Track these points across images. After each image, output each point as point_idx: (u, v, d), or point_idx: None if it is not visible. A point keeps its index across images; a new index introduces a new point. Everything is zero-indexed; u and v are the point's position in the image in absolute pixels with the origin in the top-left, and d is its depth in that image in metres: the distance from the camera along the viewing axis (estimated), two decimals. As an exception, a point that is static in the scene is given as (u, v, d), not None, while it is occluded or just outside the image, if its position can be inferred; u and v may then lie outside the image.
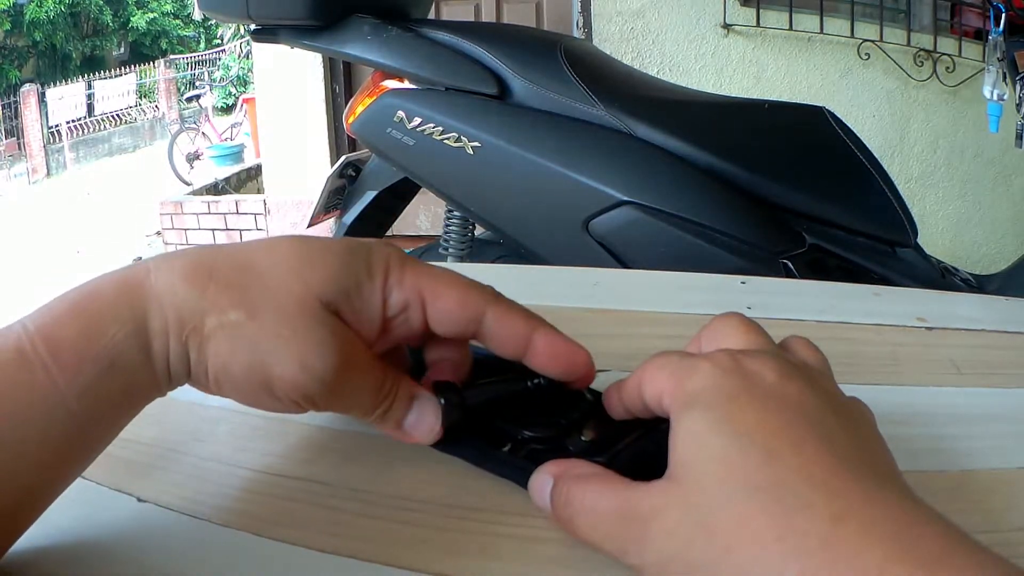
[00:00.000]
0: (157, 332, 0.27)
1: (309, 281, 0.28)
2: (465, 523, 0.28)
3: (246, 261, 0.28)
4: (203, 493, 0.30)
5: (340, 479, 0.30)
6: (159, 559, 0.26)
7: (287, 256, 0.29)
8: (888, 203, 1.05)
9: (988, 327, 0.45)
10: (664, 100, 1.13)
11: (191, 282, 0.27)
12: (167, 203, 4.24)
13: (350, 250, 0.29)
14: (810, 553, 0.20)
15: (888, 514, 0.21)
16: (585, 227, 1.03)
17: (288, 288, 0.28)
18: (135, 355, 0.26)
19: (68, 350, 0.25)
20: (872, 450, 0.24)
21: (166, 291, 0.27)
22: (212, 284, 0.27)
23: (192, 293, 0.27)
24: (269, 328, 0.27)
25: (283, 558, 0.26)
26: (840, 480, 0.22)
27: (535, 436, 0.31)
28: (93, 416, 0.26)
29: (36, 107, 9.50)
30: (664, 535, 0.23)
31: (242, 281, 0.28)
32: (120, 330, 0.26)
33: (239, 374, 0.27)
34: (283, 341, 0.27)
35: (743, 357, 0.26)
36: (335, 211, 1.42)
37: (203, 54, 13.14)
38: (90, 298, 0.27)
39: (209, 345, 0.27)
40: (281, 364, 0.27)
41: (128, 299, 0.27)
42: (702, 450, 0.23)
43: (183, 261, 0.28)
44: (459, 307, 0.30)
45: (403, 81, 1.14)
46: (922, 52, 2.92)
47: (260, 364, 0.27)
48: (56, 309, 0.27)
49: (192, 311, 0.27)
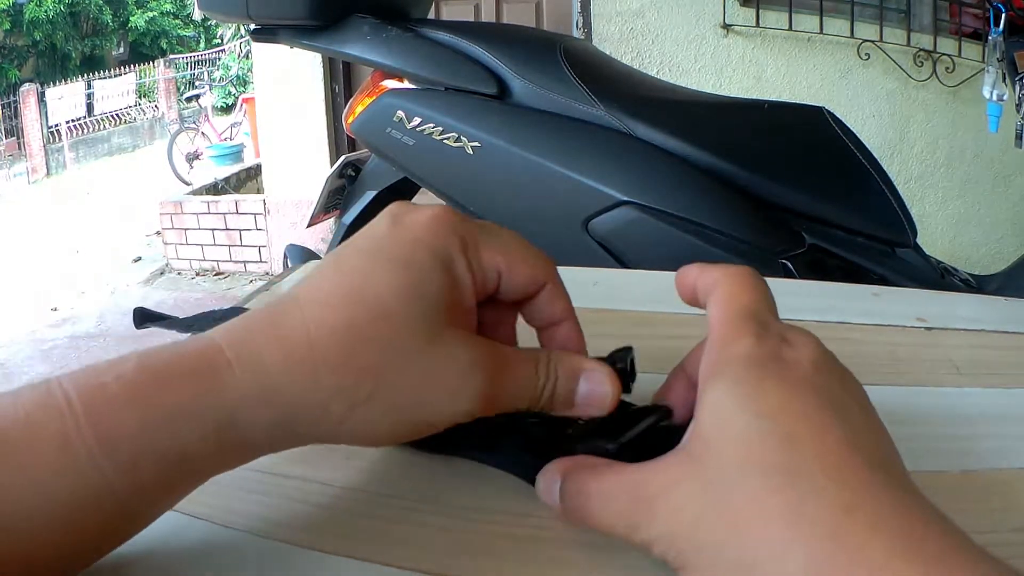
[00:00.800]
0: (247, 433, 0.24)
1: (416, 312, 0.25)
2: (465, 523, 0.28)
3: (343, 320, 0.25)
4: (204, 493, 0.30)
5: (341, 479, 0.30)
6: (159, 559, 0.26)
7: (380, 293, 0.25)
8: (888, 203, 1.05)
9: (988, 327, 0.45)
10: (664, 100, 1.13)
11: (293, 372, 0.24)
12: (167, 203, 4.24)
13: (431, 250, 0.27)
14: (818, 541, 0.20)
15: (896, 510, 0.21)
16: (585, 227, 1.03)
17: (402, 331, 0.25)
18: (209, 452, 0.24)
19: (124, 445, 0.22)
20: (888, 450, 0.24)
21: (261, 390, 0.24)
22: (322, 368, 0.24)
23: (302, 387, 0.24)
24: (402, 382, 0.25)
25: (283, 558, 0.26)
26: (854, 472, 0.22)
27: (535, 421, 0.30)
28: (143, 504, 0.24)
29: (36, 107, 9.50)
30: (674, 510, 0.23)
31: (354, 349, 0.25)
32: (195, 431, 0.23)
33: (386, 433, 0.26)
34: (424, 387, 0.25)
35: (784, 344, 0.25)
36: (335, 211, 1.42)
37: (203, 54, 13.14)
38: (154, 386, 0.23)
39: (343, 428, 0.25)
40: (431, 406, 0.26)
41: (206, 399, 0.23)
42: (723, 427, 0.23)
43: (269, 344, 0.24)
44: (529, 280, 0.30)
45: (403, 81, 1.14)
46: (922, 52, 2.92)
47: (409, 419, 0.26)
48: (108, 391, 0.23)
49: (307, 404, 0.24)
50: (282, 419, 0.24)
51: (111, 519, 0.24)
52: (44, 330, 3.62)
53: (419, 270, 0.26)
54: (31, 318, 3.78)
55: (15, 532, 0.22)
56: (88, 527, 0.23)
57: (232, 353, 0.24)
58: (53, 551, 0.23)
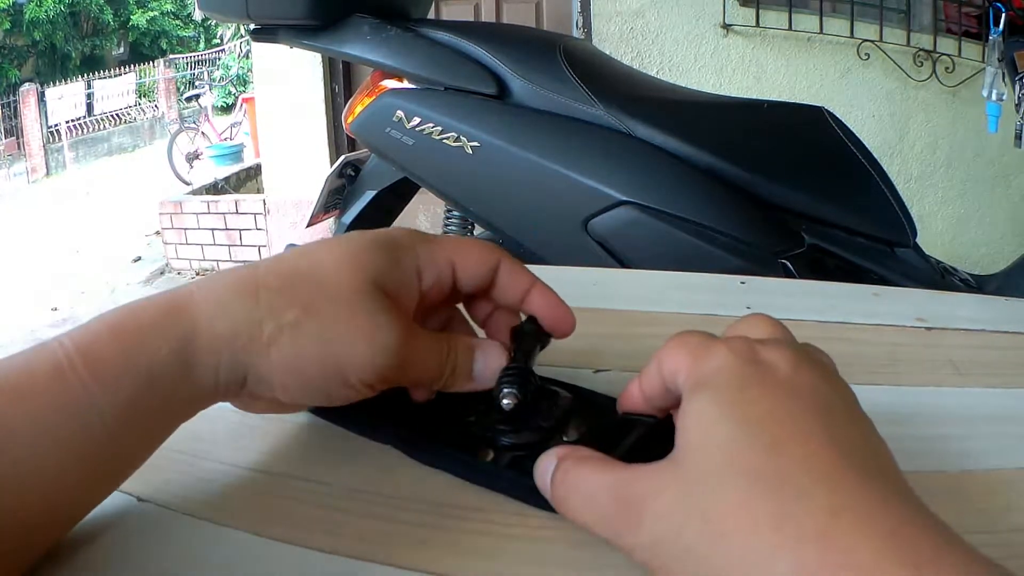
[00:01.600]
0: (204, 348, 0.27)
1: (351, 270, 0.29)
2: (465, 523, 0.28)
3: (288, 267, 0.30)
4: (203, 493, 0.30)
5: (340, 479, 0.30)
6: (159, 559, 0.26)
7: (326, 254, 0.30)
8: (887, 203, 1.05)
9: (987, 327, 0.45)
10: (664, 100, 1.13)
11: (241, 295, 0.28)
12: (167, 203, 4.23)
13: (380, 240, 0.31)
14: (805, 545, 0.20)
15: (885, 512, 0.21)
16: (584, 227, 1.03)
17: (337, 279, 0.29)
18: (177, 372, 0.27)
19: (107, 367, 0.26)
20: (875, 449, 0.24)
21: (214, 307, 0.28)
22: (263, 292, 0.28)
23: (244, 304, 0.28)
24: (329, 318, 0.28)
25: (283, 558, 0.26)
26: (841, 474, 0.22)
27: (517, 443, 0.30)
28: (131, 432, 0.26)
29: (35, 107, 9.50)
30: (658, 516, 0.23)
31: (291, 283, 0.29)
32: (163, 347, 0.27)
33: (311, 370, 0.28)
34: (347, 326, 0.28)
35: (760, 346, 0.26)
36: (334, 211, 1.42)
37: (203, 54, 13.13)
38: (131, 317, 0.27)
39: (272, 350, 0.28)
40: (351, 348, 0.28)
41: (171, 319, 0.27)
42: (707, 434, 0.23)
43: (227, 278, 0.29)
44: (481, 262, 0.33)
45: (402, 81, 1.14)
46: (922, 52, 2.92)
47: (330, 355, 0.28)
48: (95, 328, 0.27)
49: (246, 321, 0.27)
50: (228, 334, 0.27)
51: (100, 447, 0.26)
52: (44, 330, 3.62)
53: (360, 246, 0.30)
54: (31, 318, 3.78)
55: (20, 466, 0.24)
56: (82, 456, 0.25)
57: (196, 287, 0.29)
58: (52, 485, 0.25)
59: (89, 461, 0.25)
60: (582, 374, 0.39)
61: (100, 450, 0.26)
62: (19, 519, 0.24)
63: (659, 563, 0.23)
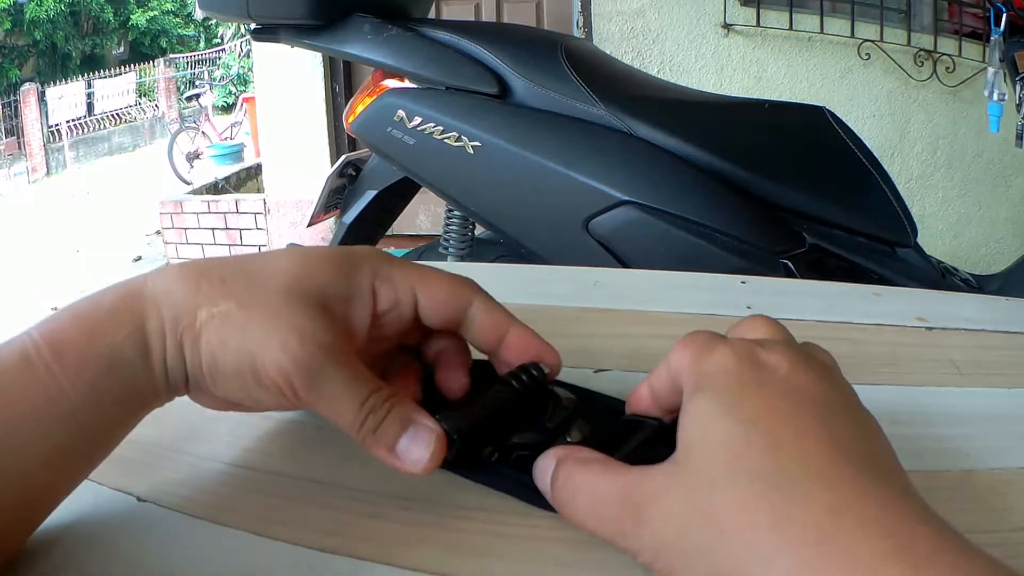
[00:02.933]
0: (153, 332, 0.28)
1: (296, 275, 0.29)
2: (465, 523, 0.28)
3: (238, 264, 0.30)
4: (203, 493, 0.30)
5: (340, 479, 0.30)
6: (159, 559, 0.26)
7: (277, 258, 0.30)
8: (888, 203, 1.05)
9: (988, 327, 0.45)
10: (664, 100, 1.13)
11: (184, 282, 0.29)
12: (167, 202, 4.23)
13: (336, 253, 0.31)
14: (805, 544, 0.20)
15: (884, 511, 0.21)
16: (585, 227, 1.03)
17: (276, 281, 0.29)
18: (134, 356, 0.27)
19: (70, 352, 0.26)
20: (876, 448, 0.24)
21: (162, 293, 0.28)
22: (204, 281, 0.29)
23: (186, 291, 0.28)
24: (256, 315, 0.28)
25: (283, 558, 0.26)
26: (840, 473, 0.22)
27: (520, 443, 0.30)
28: (96, 416, 0.27)
29: (36, 106, 9.50)
30: (661, 519, 0.23)
31: (233, 278, 0.29)
32: (119, 332, 0.27)
33: (229, 363, 0.28)
34: (268, 326, 0.28)
35: (760, 348, 0.26)
36: (335, 210, 1.42)
37: (203, 53, 13.14)
38: (92, 305, 0.28)
39: (202, 338, 0.28)
40: (264, 348, 0.27)
41: (127, 304, 0.28)
42: (707, 434, 0.24)
43: (180, 267, 0.30)
44: (450, 297, 0.31)
45: (403, 80, 1.14)
46: (922, 52, 2.92)
47: (247, 351, 0.27)
48: (60, 317, 0.28)
49: (185, 308, 0.28)
50: (172, 319, 0.28)
51: (69, 434, 0.26)
52: (44, 329, 3.62)
53: (314, 256, 0.30)
54: (31, 317, 3.77)
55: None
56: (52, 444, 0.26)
57: (151, 275, 0.29)
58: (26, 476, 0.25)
59: (57, 444, 0.26)
60: (582, 374, 0.39)
61: (68, 433, 0.26)
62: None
63: (663, 564, 0.23)
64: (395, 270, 0.31)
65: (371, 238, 1.45)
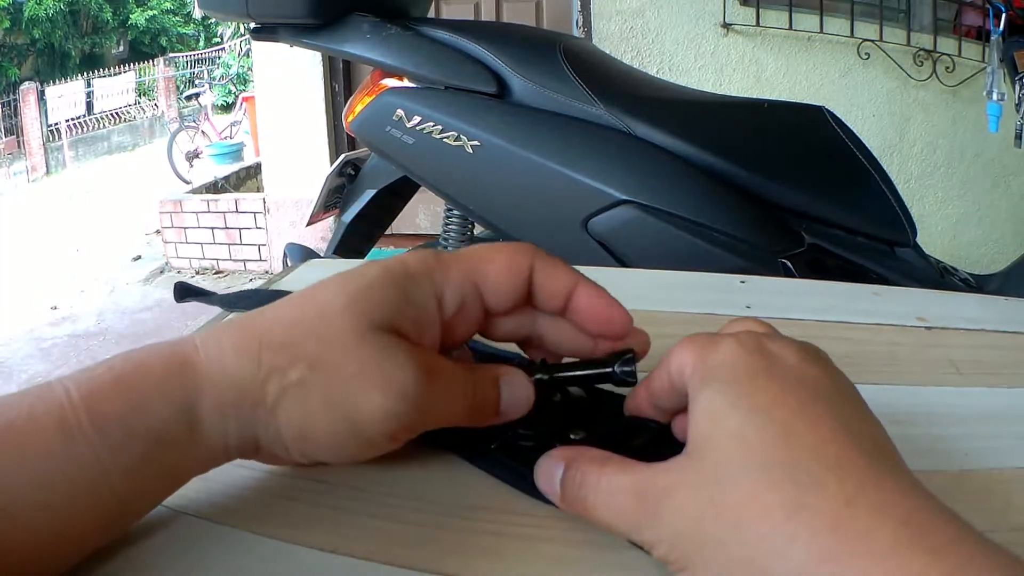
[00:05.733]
0: (209, 410, 0.26)
1: (356, 313, 0.27)
2: (466, 523, 0.28)
3: (291, 317, 0.27)
4: (203, 493, 0.30)
5: (340, 479, 0.30)
6: (159, 559, 0.26)
7: (332, 296, 0.28)
8: (887, 203, 1.05)
9: (987, 327, 0.45)
10: (664, 99, 1.13)
11: (242, 354, 0.26)
12: (166, 201, 4.23)
13: (386, 270, 0.28)
14: (820, 533, 0.20)
15: (898, 499, 0.21)
16: (584, 226, 1.03)
17: (339, 327, 0.27)
18: (183, 433, 0.26)
19: (114, 426, 0.25)
20: (883, 440, 0.24)
21: (217, 367, 0.26)
22: (265, 352, 0.26)
23: (246, 365, 0.26)
24: (335, 372, 0.26)
25: (283, 558, 0.26)
26: (853, 462, 0.22)
27: (524, 434, 0.30)
28: (136, 492, 0.26)
29: (35, 105, 9.48)
30: (676, 511, 0.23)
31: (293, 338, 0.27)
32: (168, 407, 0.25)
33: (321, 430, 0.26)
34: (355, 378, 0.26)
35: (766, 339, 0.26)
36: (334, 210, 1.42)
37: (203, 52, 13.13)
38: (137, 372, 0.26)
39: (279, 413, 0.26)
40: (362, 400, 0.26)
41: (178, 376, 0.26)
42: (718, 426, 0.24)
43: (231, 333, 0.27)
44: (511, 271, 0.30)
45: (403, 80, 1.14)
46: (922, 52, 2.92)
47: (341, 412, 0.26)
48: (100, 380, 0.26)
49: (250, 387, 0.26)
50: (234, 399, 0.26)
51: (106, 507, 0.25)
52: (44, 328, 3.62)
53: (367, 282, 0.28)
54: (31, 316, 3.78)
55: (18, 519, 0.23)
56: (86, 516, 0.24)
57: (200, 342, 0.27)
58: (52, 539, 0.24)
59: (93, 518, 0.25)
60: (582, 373, 0.39)
61: (105, 508, 0.25)
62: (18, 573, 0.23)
63: (678, 555, 0.23)
64: (452, 271, 0.29)
65: (370, 237, 1.45)
